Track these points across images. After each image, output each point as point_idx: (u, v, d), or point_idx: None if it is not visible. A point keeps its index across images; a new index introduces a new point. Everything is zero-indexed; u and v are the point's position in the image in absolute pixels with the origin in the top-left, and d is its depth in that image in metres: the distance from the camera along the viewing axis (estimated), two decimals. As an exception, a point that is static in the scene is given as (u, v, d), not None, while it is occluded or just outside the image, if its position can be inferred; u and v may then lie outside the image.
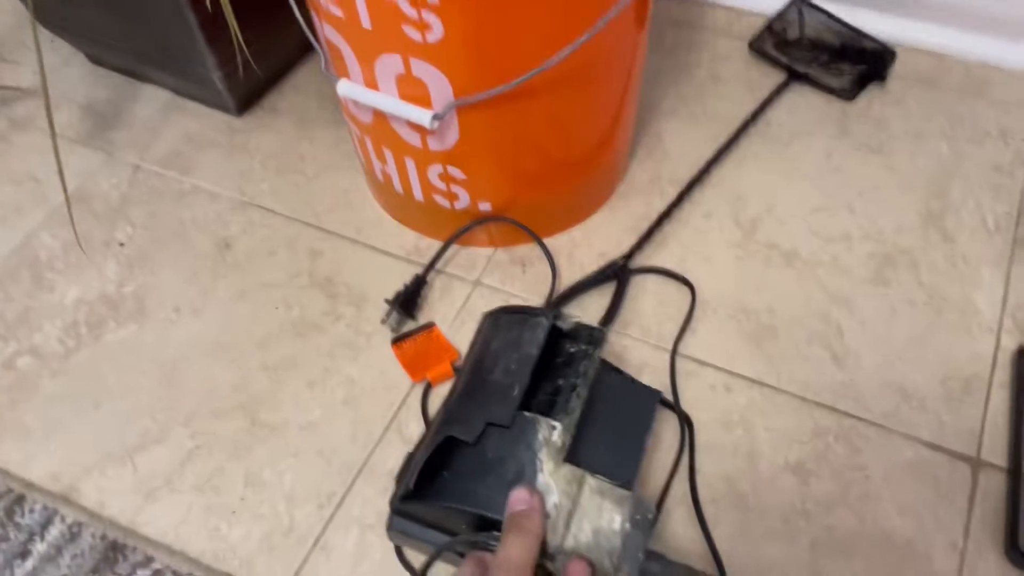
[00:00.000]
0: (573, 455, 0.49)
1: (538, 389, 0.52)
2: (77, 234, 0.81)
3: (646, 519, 0.47)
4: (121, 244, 0.82)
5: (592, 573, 0.45)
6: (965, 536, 0.60)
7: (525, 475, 0.47)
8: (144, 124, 0.93)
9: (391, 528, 0.52)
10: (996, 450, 0.64)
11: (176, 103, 0.95)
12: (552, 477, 0.47)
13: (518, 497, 0.46)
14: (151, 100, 0.95)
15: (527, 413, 0.49)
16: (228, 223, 0.83)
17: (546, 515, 0.46)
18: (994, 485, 0.62)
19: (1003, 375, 0.68)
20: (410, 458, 0.53)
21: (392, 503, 0.52)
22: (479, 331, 0.57)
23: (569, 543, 0.46)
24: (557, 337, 0.54)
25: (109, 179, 0.88)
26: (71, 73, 0.99)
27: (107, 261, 0.81)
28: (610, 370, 0.58)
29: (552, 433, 0.48)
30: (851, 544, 0.60)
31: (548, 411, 0.50)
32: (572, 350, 0.54)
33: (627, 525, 0.46)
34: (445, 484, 0.48)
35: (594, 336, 0.54)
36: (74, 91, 0.97)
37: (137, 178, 0.88)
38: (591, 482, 0.47)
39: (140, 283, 0.79)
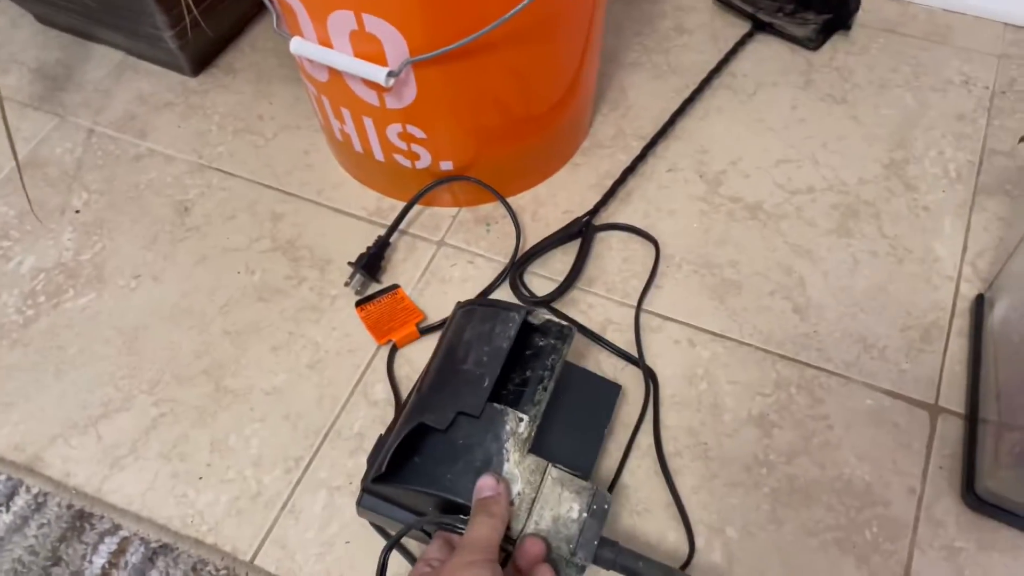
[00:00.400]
0: (536, 442, 0.51)
1: (507, 380, 0.54)
2: (31, 201, 0.80)
3: (602, 509, 0.49)
4: (77, 211, 0.80)
5: (547, 551, 0.47)
6: (923, 481, 0.62)
7: (492, 464, 0.49)
8: (96, 86, 0.90)
9: (361, 505, 0.54)
10: (954, 397, 0.65)
11: (129, 63, 0.92)
12: (517, 467, 0.49)
13: (486, 483, 0.48)
14: (103, 61, 0.93)
15: (496, 404, 0.51)
16: (186, 187, 0.81)
17: (510, 502, 0.48)
18: (952, 431, 0.64)
19: (962, 323, 0.69)
20: (381, 440, 0.55)
21: (363, 482, 0.53)
22: (451, 320, 0.59)
23: (530, 529, 0.48)
24: (527, 330, 0.56)
25: (62, 143, 0.86)
26: (19, 35, 0.95)
27: (63, 228, 0.79)
28: (575, 366, 0.62)
29: (519, 425, 0.51)
30: (811, 491, 0.61)
31: (516, 402, 0.52)
32: (541, 344, 0.56)
33: (584, 514, 0.49)
34: (415, 468, 0.50)
35: (563, 332, 0.56)
36: (23, 53, 0.94)
37: (91, 142, 0.86)
38: (553, 473, 0.50)
39: (98, 250, 0.77)
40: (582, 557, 0.48)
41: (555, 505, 0.49)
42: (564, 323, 0.57)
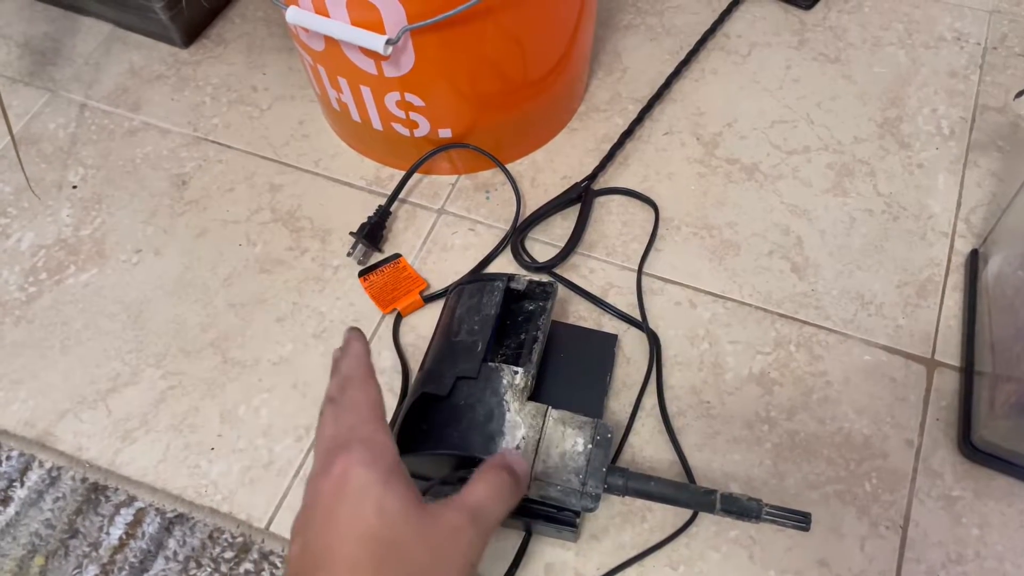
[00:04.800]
0: (544, 399, 0.53)
1: (504, 346, 0.57)
2: (27, 177, 0.79)
3: (606, 439, 0.51)
4: (74, 186, 0.80)
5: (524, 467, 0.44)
6: (920, 433, 0.63)
7: (494, 416, 0.51)
8: (86, 60, 0.89)
9: None
10: (950, 351, 0.67)
11: (118, 36, 0.91)
12: (519, 415, 0.51)
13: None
14: (92, 34, 0.92)
15: (491, 363, 0.54)
16: (182, 160, 0.81)
17: (516, 447, 0.50)
18: (948, 384, 0.65)
19: (956, 278, 0.70)
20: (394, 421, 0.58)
21: None
22: (446, 303, 0.62)
23: (539, 468, 0.50)
24: (515, 298, 0.59)
25: (55, 119, 0.85)
26: (6, 8, 0.94)
27: (61, 204, 0.79)
28: (570, 326, 0.66)
29: (515, 377, 0.53)
30: (812, 446, 0.63)
31: (514, 362, 0.55)
32: (530, 308, 0.59)
33: (589, 446, 0.50)
34: (425, 435, 0.52)
35: (546, 290, 0.59)
36: (10, 27, 0.92)
37: (84, 116, 0.85)
38: (554, 414, 0.52)
39: (97, 225, 0.77)
40: (593, 485, 0.49)
41: (560, 442, 0.50)
42: (546, 281, 0.60)
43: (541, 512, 0.56)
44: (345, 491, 0.35)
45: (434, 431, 0.52)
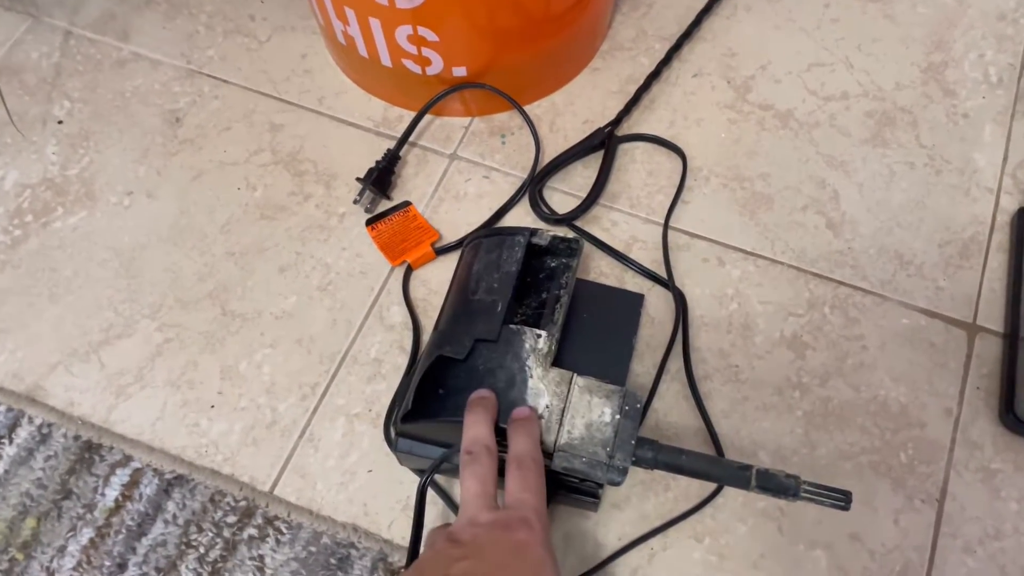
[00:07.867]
0: (566, 361, 0.51)
1: (524, 305, 0.54)
2: (9, 111, 0.74)
3: (635, 409, 0.48)
4: (60, 121, 0.74)
5: (536, 416, 0.48)
6: (960, 402, 0.60)
7: (516, 382, 0.48)
8: (70, -18, 0.83)
9: (397, 449, 0.53)
10: (992, 315, 0.63)
11: (104, -43, 0.84)
12: (542, 381, 0.48)
13: (519, 410, 0.48)
14: (75, -46, 0.85)
15: (512, 325, 0.50)
16: (175, 95, 0.76)
17: (540, 416, 0.47)
18: (990, 351, 0.62)
19: (1001, 237, 0.67)
20: (405, 381, 0.54)
21: (394, 424, 0.53)
22: (462, 257, 0.59)
23: (563, 439, 0.47)
24: (537, 253, 0.56)
25: (38, 47, 0.79)
26: (-21, -77, 0.87)
27: (46, 140, 0.73)
28: (593, 284, 0.62)
29: (538, 341, 0.50)
30: (846, 414, 0.60)
31: (534, 323, 0.52)
32: (553, 264, 0.55)
33: (617, 416, 0.48)
34: (441, 401, 0.49)
35: (571, 247, 0.56)
36: (-15, -55, 0.86)
37: (69, 45, 0.79)
38: (579, 381, 0.49)
39: (85, 164, 0.72)
40: (621, 459, 0.47)
41: (586, 412, 0.48)
42: (571, 236, 0.56)
43: (563, 482, 0.53)
44: (525, 556, 0.42)
45: (451, 397, 0.49)
